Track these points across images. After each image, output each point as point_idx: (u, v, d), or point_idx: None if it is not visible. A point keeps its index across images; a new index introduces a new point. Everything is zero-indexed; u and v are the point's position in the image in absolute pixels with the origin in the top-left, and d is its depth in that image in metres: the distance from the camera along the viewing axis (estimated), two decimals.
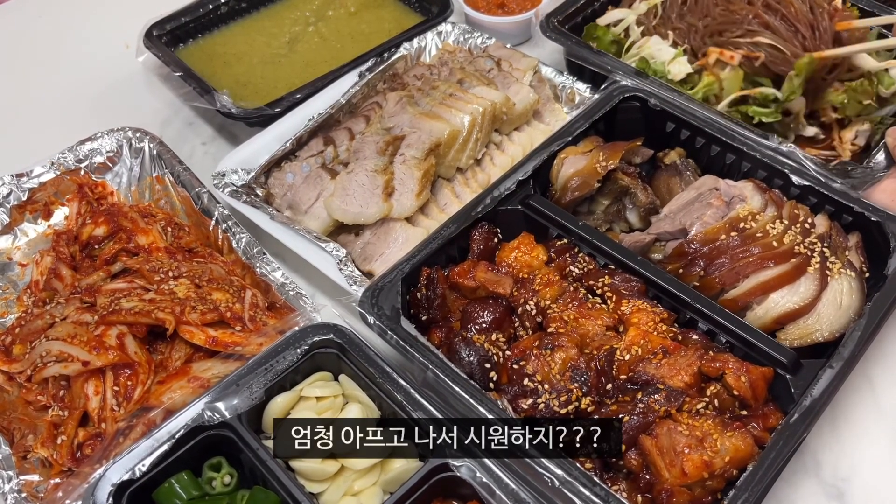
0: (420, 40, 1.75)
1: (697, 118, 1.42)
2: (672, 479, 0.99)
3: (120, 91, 1.83)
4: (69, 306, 1.23)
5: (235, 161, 1.49)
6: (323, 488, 1.03)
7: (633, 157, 1.42)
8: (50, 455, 1.10)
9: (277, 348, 1.10)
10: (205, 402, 1.04)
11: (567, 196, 1.34)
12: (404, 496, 0.98)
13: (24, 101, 1.81)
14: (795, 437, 1.01)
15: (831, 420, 1.22)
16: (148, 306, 1.18)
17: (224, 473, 1.04)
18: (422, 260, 1.22)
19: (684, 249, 1.23)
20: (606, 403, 1.07)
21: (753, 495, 0.95)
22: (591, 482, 0.97)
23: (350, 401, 1.11)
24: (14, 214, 1.42)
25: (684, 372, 1.08)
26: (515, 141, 1.57)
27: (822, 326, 1.14)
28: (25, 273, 1.38)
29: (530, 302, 1.18)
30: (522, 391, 1.07)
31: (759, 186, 1.29)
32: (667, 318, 1.16)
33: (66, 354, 1.14)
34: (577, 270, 1.23)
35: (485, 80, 1.58)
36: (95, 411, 1.13)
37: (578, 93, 1.63)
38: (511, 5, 1.87)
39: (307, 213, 1.41)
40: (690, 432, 1.01)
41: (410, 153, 1.42)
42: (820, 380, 1.06)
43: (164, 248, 1.32)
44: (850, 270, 1.19)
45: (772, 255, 1.19)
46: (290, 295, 1.25)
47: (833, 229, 1.26)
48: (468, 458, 1.00)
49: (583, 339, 1.13)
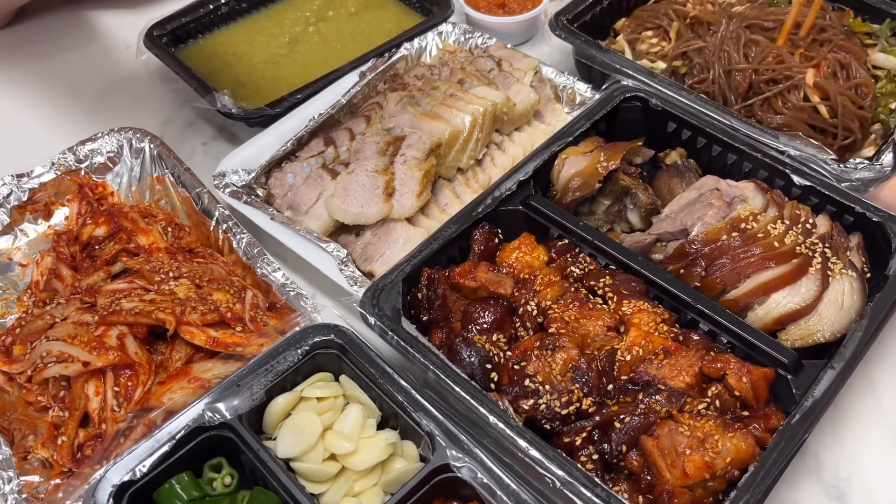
0: (420, 40, 1.75)
1: (699, 118, 1.42)
2: (673, 479, 0.99)
3: (120, 91, 1.82)
4: (69, 307, 1.23)
5: (236, 161, 1.49)
6: (324, 489, 1.03)
7: (634, 157, 1.42)
8: (50, 456, 1.10)
9: (278, 349, 1.10)
10: (205, 403, 1.04)
11: (568, 196, 1.34)
12: (405, 497, 0.98)
13: (24, 102, 1.80)
14: (797, 438, 1.01)
15: (832, 421, 1.22)
16: (148, 307, 1.18)
17: (225, 474, 1.04)
18: (422, 260, 1.22)
19: (685, 250, 1.23)
20: (607, 404, 1.07)
21: (755, 496, 0.95)
22: (592, 483, 0.97)
23: (351, 401, 1.10)
24: (14, 215, 1.42)
25: (685, 372, 1.08)
26: (516, 141, 1.57)
27: (823, 327, 1.14)
28: (26, 273, 1.38)
29: (531, 302, 1.18)
30: (523, 392, 1.07)
31: (760, 187, 1.29)
32: (668, 319, 1.16)
33: (67, 355, 1.14)
34: (578, 271, 1.23)
35: (485, 80, 1.58)
36: (96, 412, 1.13)
37: (579, 93, 1.63)
38: (512, 5, 1.87)
39: (308, 214, 1.41)
40: (692, 433, 1.01)
41: (411, 153, 1.42)
42: (821, 380, 1.06)
43: (165, 249, 1.32)
44: (851, 271, 1.18)
45: (773, 255, 1.18)
46: (290, 295, 1.25)
47: (834, 230, 1.26)
48: (469, 459, 1.00)
49: (584, 339, 1.13)
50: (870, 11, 1.67)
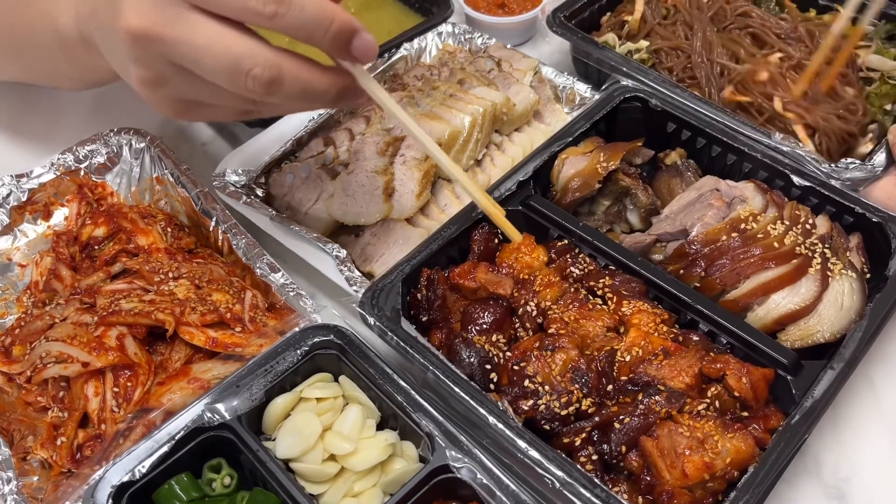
0: (420, 41, 1.75)
1: (698, 119, 1.42)
2: (673, 480, 0.98)
3: (120, 91, 1.82)
4: (69, 307, 1.23)
5: (235, 162, 1.49)
6: (323, 490, 1.03)
7: (634, 157, 1.42)
8: (50, 456, 1.10)
9: (277, 349, 1.10)
10: (205, 404, 1.04)
11: (568, 197, 1.34)
12: (405, 498, 0.98)
13: (24, 102, 1.80)
14: (796, 439, 1.01)
15: (832, 421, 1.22)
16: (148, 307, 1.18)
17: (224, 475, 1.04)
18: (422, 261, 1.22)
19: (685, 250, 1.23)
20: (607, 405, 1.07)
21: (754, 496, 0.95)
22: (591, 484, 0.97)
23: (350, 402, 1.10)
24: (14, 215, 1.42)
25: (685, 373, 1.07)
26: (516, 141, 1.57)
27: (823, 327, 1.14)
28: (25, 274, 1.38)
29: (531, 303, 1.18)
30: (523, 392, 1.07)
31: (759, 187, 1.29)
32: (667, 319, 1.16)
33: (66, 355, 1.14)
34: (578, 271, 1.23)
35: (485, 80, 1.58)
36: (95, 412, 1.12)
37: (579, 93, 1.63)
38: (511, 5, 1.87)
39: (307, 214, 1.41)
40: (691, 433, 1.00)
41: (411, 154, 1.42)
42: (821, 381, 1.06)
43: (164, 249, 1.32)
44: (851, 271, 1.18)
45: (773, 255, 1.18)
46: (290, 296, 1.25)
47: (834, 230, 1.26)
48: (468, 460, 1.00)
49: (583, 340, 1.13)
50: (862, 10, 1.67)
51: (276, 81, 0.92)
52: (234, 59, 0.90)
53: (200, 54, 0.91)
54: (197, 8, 0.91)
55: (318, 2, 0.91)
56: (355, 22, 0.95)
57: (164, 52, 0.92)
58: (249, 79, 0.91)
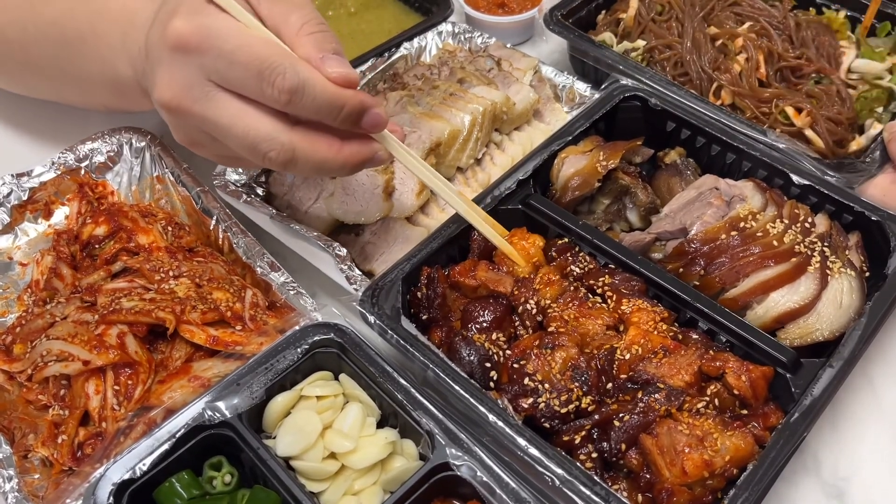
0: (420, 40, 1.75)
1: (698, 118, 1.42)
2: (672, 478, 0.99)
3: None
4: (70, 306, 1.23)
5: None
6: (323, 487, 1.03)
7: (634, 156, 1.42)
8: (50, 454, 1.10)
9: (278, 348, 1.10)
10: (205, 402, 1.04)
11: (567, 195, 1.34)
12: (405, 495, 0.98)
13: (24, 101, 1.80)
14: (796, 437, 1.01)
15: (831, 419, 1.22)
16: (148, 306, 1.18)
17: (224, 473, 1.04)
18: (422, 259, 1.22)
19: (684, 249, 1.23)
20: (607, 403, 1.07)
21: (754, 494, 0.95)
22: (591, 481, 0.97)
23: (350, 400, 1.11)
24: (14, 214, 1.42)
25: (685, 371, 1.08)
26: (516, 140, 1.57)
27: (822, 326, 1.14)
28: (26, 272, 1.38)
29: (531, 301, 1.18)
30: (523, 390, 1.07)
31: (759, 186, 1.30)
32: (667, 318, 1.16)
33: (67, 354, 1.14)
34: (578, 270, 1.23)
35: (485, 79, 1.58)
36: (96, 410, 1.13)
37: (579, 92, 1.63)
38: (511, 5, 1.87)
39: (307, 213, 1.42)
40: (691, 431, 1.01)
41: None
42: (820, 379, 1.06)
43: (165, 248, 1.32)
44: (850, 270, 1.19)
45: (772, 254, 1.19)
46: (290, 294, 1.25)
47: (833, 228, 1.26)
48: (468, 458, 1.00)
49: (583, 338, 1.13)
50: (860, 9, 1.68)
51: (290, 163, 1.02)
52: (253, 142, 1.00)
53: (224, 132, 1.01)
54: (223, 88, 1.00)
55: (330, 91, 0.99)
56: (366, 101, 1.03)
57: (195, 124, 1.04)
58: (267, 160, 1.01)
